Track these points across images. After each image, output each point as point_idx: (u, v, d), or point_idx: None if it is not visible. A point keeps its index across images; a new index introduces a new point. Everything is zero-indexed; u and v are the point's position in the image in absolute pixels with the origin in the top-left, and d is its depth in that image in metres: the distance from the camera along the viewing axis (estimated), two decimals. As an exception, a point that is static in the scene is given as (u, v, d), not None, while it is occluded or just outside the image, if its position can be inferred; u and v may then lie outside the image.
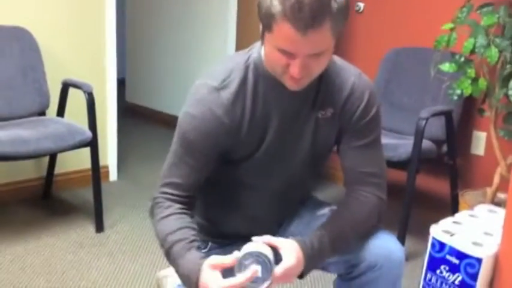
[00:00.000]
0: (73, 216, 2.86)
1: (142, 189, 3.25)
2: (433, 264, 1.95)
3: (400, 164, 2.46)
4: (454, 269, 1.89)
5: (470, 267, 1.84)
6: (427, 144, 2.56)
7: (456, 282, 1.89)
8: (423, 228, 2.11)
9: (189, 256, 1.26)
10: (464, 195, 2.69)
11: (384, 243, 1.38)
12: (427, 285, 1.98)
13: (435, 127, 2.64)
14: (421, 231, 2.27)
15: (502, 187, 2.51)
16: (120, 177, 3.40)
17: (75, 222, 2.78)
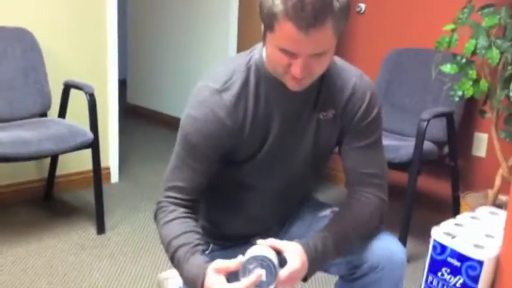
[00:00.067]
0: (74, 217, 2.86)
1: (143, 190, 3.24)
2: (435, 267, 1.95)
3: (401, 165, 2.46)
4: (455, 272, 1.89)
5: (472, 269, 1.84)
6: (428, 145, 2.56)
7: (457, 284, 1.88)
8: (424, 230, 2.11)
9: (194, 260, 1.26)
10: (466, 197, 2.69)
11: (386, 244, 1.38)
12: (428, 287, 1.97)
13: (436, 128, 2.64)
14: (423, 232, 2.26)
15: (504, 189, 2.51)
16: (122, 179, 3.40)
17: (76, 223, 2.78)
